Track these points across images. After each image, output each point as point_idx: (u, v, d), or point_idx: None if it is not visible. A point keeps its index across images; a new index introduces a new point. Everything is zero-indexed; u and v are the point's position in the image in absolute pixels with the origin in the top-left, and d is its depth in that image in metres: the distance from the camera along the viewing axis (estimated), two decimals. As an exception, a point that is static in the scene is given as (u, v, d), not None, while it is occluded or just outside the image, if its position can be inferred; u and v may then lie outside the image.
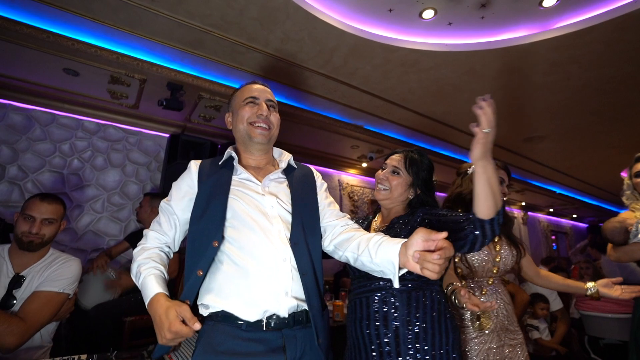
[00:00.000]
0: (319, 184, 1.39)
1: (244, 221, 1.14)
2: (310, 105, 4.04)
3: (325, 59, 3.16)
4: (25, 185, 3.43)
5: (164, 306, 0.96)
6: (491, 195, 1.13)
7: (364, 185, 6.28)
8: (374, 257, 1.08)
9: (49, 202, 1.77)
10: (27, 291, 1.66)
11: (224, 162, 1.29)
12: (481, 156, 1.13)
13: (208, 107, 3.79)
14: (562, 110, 4.06)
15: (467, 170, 1.86)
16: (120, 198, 3.92)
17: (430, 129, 4.67)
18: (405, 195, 1.53)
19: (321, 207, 1.33)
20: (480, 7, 2.64)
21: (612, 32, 2.69)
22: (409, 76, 3.42)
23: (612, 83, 3.40)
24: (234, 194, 1.19)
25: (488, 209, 1.14)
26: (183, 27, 2.70)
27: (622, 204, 2.33)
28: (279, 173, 1.31)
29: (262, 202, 1.20)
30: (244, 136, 1.29)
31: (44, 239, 1.75)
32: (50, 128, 3.66)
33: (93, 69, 3.09)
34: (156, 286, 1.02)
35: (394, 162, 1.56)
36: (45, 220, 1.75)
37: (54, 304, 1.69)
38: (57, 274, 1.72)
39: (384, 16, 2.78)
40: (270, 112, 1.30)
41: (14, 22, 2.55)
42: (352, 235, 1.22)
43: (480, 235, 1.17)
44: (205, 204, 1.18)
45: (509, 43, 2.94)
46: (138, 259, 1.12)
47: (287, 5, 2.54)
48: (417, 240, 0.94)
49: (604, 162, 5.95)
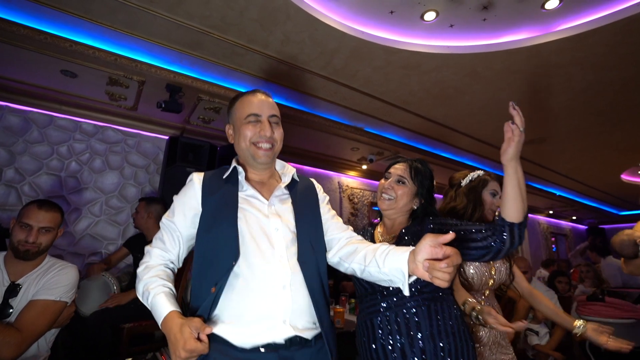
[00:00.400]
0: (321, 197, 1.37)
1: (247, 244, 1.11)
2: (310, 108, 4.01)
3: (325, 60, 3.13)
4: (22, 189, 3.39)
5: (178, 324, 0.94)
6: (521, 197, 1.14)
7: (364, 187, 6.26)
8: (382, 267, 1.07)
9: (46, 210, 1.72)
10: (23, 300, 1.62)
11: (228, 177, 1.24)
12: (514, 156, 1.14)
13: (207, 109, 3.76)
14: (563, 112, 4.04)
15: (460, 181, 1.80)
16: (118, 201, 3.89)
17: (430, 131, 4.64)
18: (409, 206, 1.51)
19: (324, 220, 1.32)
20: (482, 9, 2.61)
21: (616, 35, 2.67)
22: (410, 78, 3.39)
23: (614, 85, 3.39)
24: (241, 212, 1.16)
25: (518, 211, 1.14)
26: (182, 28, 2.67)
27: (622, 206, 2.32)
28: (282, 189, 1.27)
29: (266, 223, 1.17)
30: (247, 155, 1.25)
31: (40, 248, 1.70)
32: (48, 130, 3.62)
33: (91, 71, 3.06)
34: (168, 304, 1.01)
35: (399, 172, 1.53)
36: (43, 229, 1.70)
37: (50, 312, 1.64)
38: (53, 282, 1.68)
39: (386, 18, 2.75)
40: (274, 129, 1.24)
41: (11, 23, 2.52)
42: (357, 247, 1.21)
43: (509, 240, 1.15)
44: (212, 222, 1.15)
45: (511, 45, 2.91)
46: (144, 278, 1.10)
47: (287, 7, 2.51)
48: (424, 246, 0.92)
49: (605, 164, 5.94)
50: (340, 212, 5.75)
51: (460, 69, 3.22)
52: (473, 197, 1.70)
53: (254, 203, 1.20)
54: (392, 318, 1.31)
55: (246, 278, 1.07)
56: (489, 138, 4.84)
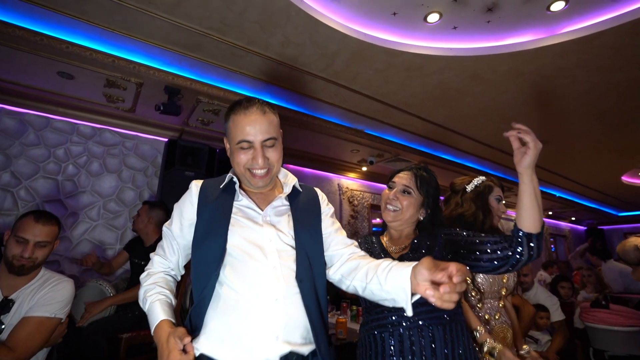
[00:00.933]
0: (325, 209, 1.30)
1: (238, 256, 1.08)
2: (310, 109, 3.97)
3: (326, 63, 3.08)
4: (18, 193, 3.33)
5: (166, 333, 0.95)
6: (538, 206, 1.11)
7: (364, 189, 6.22)
8: (384, 284, 1.00)
9: (43, 224, 1.64)
10: (16, 316, 1.55)
11: (225, 186, 1.21)
12: (531, 164, 1.10)
13: (206, 111, 3.70)
14: (565, 114, 4.00)
15: (465, 187, 1.75)
16: (116, 205, 3.83)
17: (431, 133, 4.61)
18: (416, 217, 1.45)
19: (326, 234, 1.25)
20: (486, 11, 2.57)
21: (622, 37, 2.63)
22: (412, 80, 3.35)
23: (619, 88, 3.35)
24: (233, 223, 1.12)
25: (536, 221, 1.11)
26: (181, 29, 2.62)
27: (621, 207, 2.29)
28: (282, 199, 1.22)
29: (260, 233, 1.12)
30: (243, 178, 1.20)
31: (36, 263, 1.63)
32: (45, 133, 3.56)
33: (88, 72, 3.00)
34: (161, 313, 1.03)
35: (404, 181, 1.46)
36: (39, 244, 1.62)
37: (45, 330, 1.58)
38: (48, 298, 1.62)
39: (388, 20, 2.70)
40: (268, 154, 1.13)
41: (5, 24, 2.47)
42: (359, 263, 1.15)
43: (526, 252, 1.11)
44: (204, 232, 1.12)
45: (515, 48, 2.87)
46: (144, 284, 1.13)
47: (288, 8, 2.46)
48: (422, 271, 0.87)
49: (606, 166, 5.92)
50: (340, 214, 5.70)
51: (462, 71, 3.18)
52: (481, 204, 1.67)
53: (248, 213, 1.17)
54: (405, 335, 1.25)
55: (236, 290, 1.03)
56: (490, 140, 4.81)
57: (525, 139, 1.09)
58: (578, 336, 3.65)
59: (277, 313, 1.02)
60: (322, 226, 1.25)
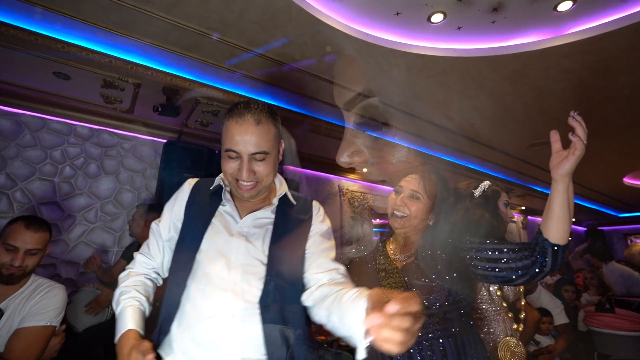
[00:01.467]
0: (316, 227, 1.16)
1: (206, 267, 1.02)
2: (311, 111, 3.92)
3: (327, 63, 3.03)
4: (13, 195, 3.27)
5: (129, 346, 0.90)
6: (569, 217, 1.04)
7: (364, 190, 6.16)
8: (344, 317, 0.86)
9: (34, 230, 1.57)
10: (6, 326, 1.49)
11: (214, 189, 1.16)
12: (570, 171, 1.03)
13: (205, 112, 3.65)
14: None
15: (472, 192, 1.68)
16: (114, 207, 3.77)
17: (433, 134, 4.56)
18: (425, 223, 1.38)
19: (309, 254, 1.11)
20: (492, 11, 2.52)
21: (630, 38, 2.58)
22: (414, 81, 3.30)
23: (624, 89, 3.30)
24: (210, 229, 1.08)
25: (565, 232, 1.04)
26: (179, 29, 2.57)
27: (621, 208, 2.24)
28: (268, 210, 1.14)
29: (228, 243, 1.05)
30: (230, 185, 1.13)
31: (26, 271, 1.57)
32: (41, 134, 3.50)
33: (85, 73, 2.94)
34: (130, 321, 0.97)
35: (412, 186, 1.39)
36: (30, 251, 1.56)
37: (42, 339, 1.52)
38: (41, 306, 1.56)
39: (391, 20, 2.65)
40: (256, 167, 1.05)
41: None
42: (330, 291, 0.99)
43: (550, 263, 1.04)
44: (184, 234, 1.09)
45: (520, 49, 2.82)
46: (122, 284, 1.07)
47: (289, 8, 2.41)
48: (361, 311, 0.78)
49: (609, 168, 5.87)
50: (340, 215, 5.65)
51: (466, 72, 3.13)
52: (492, 209, 1.61)
53: (226, 220, 1.12)
54: (415, 350, 1.19)
55: (194, 302, 0.99)
56: (493, 142, 4.76)
57: (573, 139, 1.01)
58: (582, 339, 3.61)
59: (235, 332, 0.96)
60: (307, 244, 1.12)
